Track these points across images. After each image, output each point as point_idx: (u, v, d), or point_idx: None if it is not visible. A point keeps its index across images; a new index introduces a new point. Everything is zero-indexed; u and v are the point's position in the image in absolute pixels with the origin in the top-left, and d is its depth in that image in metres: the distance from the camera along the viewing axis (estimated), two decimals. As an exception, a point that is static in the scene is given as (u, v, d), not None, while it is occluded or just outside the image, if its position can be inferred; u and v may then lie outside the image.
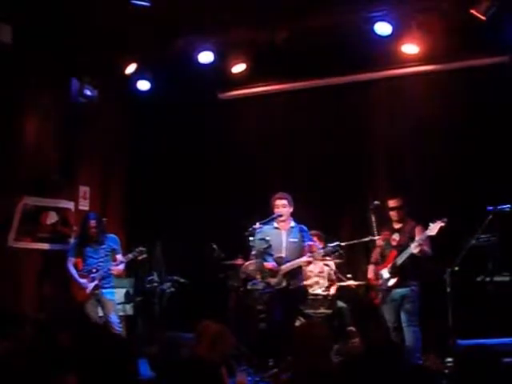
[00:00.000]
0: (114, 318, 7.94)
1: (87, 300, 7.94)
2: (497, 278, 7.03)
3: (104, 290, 7.98)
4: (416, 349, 7.04)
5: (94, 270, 7.95)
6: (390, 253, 7.32)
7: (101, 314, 8.03)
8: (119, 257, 8.12)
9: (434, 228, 6.90)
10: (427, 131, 8.59)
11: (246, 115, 9.67)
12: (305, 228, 7.61)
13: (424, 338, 7.16)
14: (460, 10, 7.19)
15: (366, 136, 9.04)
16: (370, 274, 7.50)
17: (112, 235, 8.23)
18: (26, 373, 3.57)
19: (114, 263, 8.04)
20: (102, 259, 8.03)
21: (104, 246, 8.07)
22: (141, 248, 8.08)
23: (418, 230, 7.20)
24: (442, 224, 6.88)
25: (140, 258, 8.15)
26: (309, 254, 7.44)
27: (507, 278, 7.03)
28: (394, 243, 7.34)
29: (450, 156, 8.43)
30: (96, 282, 7.93)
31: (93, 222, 8.07)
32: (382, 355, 3.57)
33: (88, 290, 7.92)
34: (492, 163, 8.04)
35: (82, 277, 7.98)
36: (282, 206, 7.51)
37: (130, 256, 8.08)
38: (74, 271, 8.04)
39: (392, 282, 7.22)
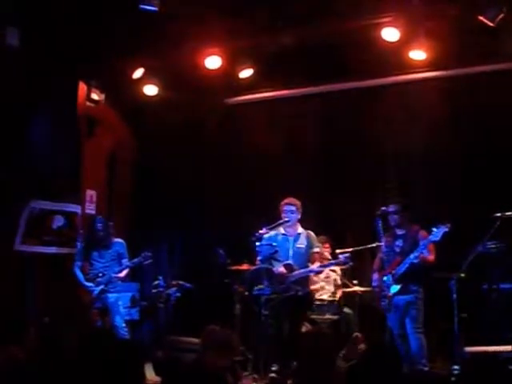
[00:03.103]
0: (119, 323, 7.94)
1: (93, 304, 7.96)
2: (504, 285, 7.01)
3: (110, 295, 7.98)
4: (421, 356, 7.00)
5: (101, 275, 7.97)
6: (394, 259, 7.27)
7: (106, 318, 8.05)
8: (125, 261, 8.12)
9: (437, 233, 6.86)
10: (434, 136, 8.58)
11: (252, 120, 9.66)
12: (312, 234, 7.61)
13: (430, 345, 7.12)
14: (468, 16, 7.17)
15: (372, 141, 9.03)
16: (375, 282, 7.45)
17: (119, 240, 8.24)
18: (30, 377, 3.56)
19: (119, 268, 8.06)
20: (108, 264, 8.04)
21: (110, 251, 8.09)
22: (147, 253, 8.07)
23: (421, 235, 7.17)
24: (446, 229, 6.83)
25: (146, 263, 8.15)
26: (319, 264, 7.43)
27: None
28: (397, 249, 7.30)
29: (458, 161, 8.43)
30: (102, 287, 7.94)
31: (99, 226, 8.08)
32: (383, 361, 3.57)
33: (94, 294, 7.93)
34: (500, 169, 8.02)
35: (89, 281, 8.00)
36: (290, 212, 7.51)
37: (136, 261, 8.09)
38: (80, 275, 8.05)
39: (396, 288, 7.18)
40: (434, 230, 6.85)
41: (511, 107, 7.97)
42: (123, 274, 8.12)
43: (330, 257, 8.19)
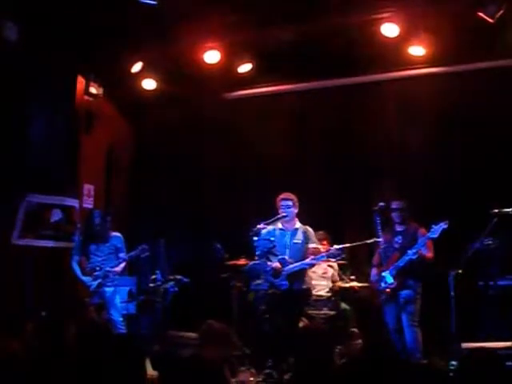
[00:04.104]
0: (116, 317, 7.94)
1: (90, 299, 7.95)
2: (501, 282, 7.02)
3: (107, 289, 7.98)
4: (417, 349, 7.03)
5: (98, 269, 7.95)
6: (392, 255, 7.30)
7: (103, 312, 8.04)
8: (122, 255, 8.12)
9: (436, 230, 6.89)
10: (433, 133, 8.58)
11: (251, 115, 9.65)
12: (310, 229, 7.60)
13: (427, 341, 7.14)
14: (468, 12, 7.17)
15: (371, 137, 9.03)
16: (374, 277, 7.47)
17: (116, 234, 8.23)
18: (28, 371, 3.56)
19: (116, 262, 8.06)
20: (105, 257, 8.04)
21: (108, 245, 8.08)
22: (143, 246, 8.06)
23: (420, 232, 7.19)
24: (445, 226, 6.86)
25: (142, 255, 8.14)
26: (312, 257, 7.43)
27: (511, 282, 7.02)
28: (396, 245, 7.32)
29: (456, 157, 8.44)
30: (99, 281, 7.93)
31: (97, 220, 8.07)
32: (380, 356, 3.57)
33: (91, 289, 7.92)
34: (498, 165, 8.03)
35: (86, 275, 7.99)
36: (287, 207, 7.50)
37: (133, 254, 8.08)
38: (77, 269, 8.04)
39: (394, 284, 7.20)
40: (433, 226, 6.89)
41: (510, 104, 7.97)
42: (120, 267, 8.11)
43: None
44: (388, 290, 7.22)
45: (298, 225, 7.57)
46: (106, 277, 7.96)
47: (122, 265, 8.12)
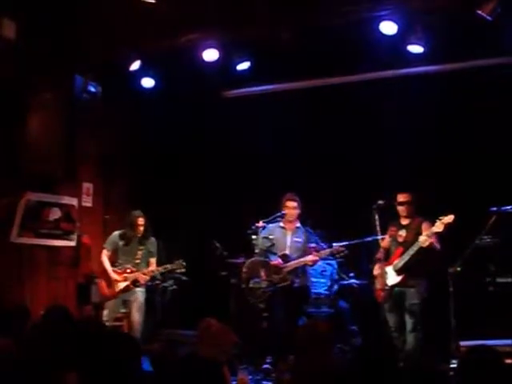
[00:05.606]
0: (138, 318, 7.86)
1: (113, 297, 7.90)
2: (500, 279, 7.02)
3: (138, 289, 7.91)
4: (418, 350, 7.01)
5: (129, 271, 7.89)
6: (396, 250, 7.28)
7: (123, 310, 7.98)
8: (153, 261, 8.07)
9: (440, 224, 6.88)
10: (432, 131, 8.57)
11: (249, 114, 9.64)
12: (310, 230, 7.65)
13: (427, 339, 7.13)
14: (466, 10, 7.15)
15: (369, 135, 9.02)
16: (376, 272, 7.43)
17: (152, 238, 8.17)
18: (26, 368, 3.56)
19: (145, 270, 8.00)
20: (138, 261, 7.97)
21: (142, 248, 8.03)
22: (181, 261, 7.99)
23: (424, 226, 7.17)
24: (450, 220, 6.85)
25: (178, 271, 8.08)
26: (314, 253, 7.44)
27: (510, 279, 7.02)
28: (400, 239, 7.31)
29: (455, 155, 8.43)
30: (127, 283, 7.87)
31: (141, 220, 8.02)
32: (379, 355, 3.57)
33: (117, 289, 7.87)
34: (497, 163, 8.03)
35: (116, 273, 7.94)
36: (293, 208, 7.55)
37: (169, 267, 8.01)
38: (108, 264, 7.98)
39: (397, 280, 7.18)
40: (438, 221, 6.88)
41: (509, 101, 7.97)
42: (149, 277, 8.05)
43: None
44: (389, 286, 7.20)
45: (298, 224, 7.61)
46: (136, 282, 7.90)
47: (148, 277, 8.04)
